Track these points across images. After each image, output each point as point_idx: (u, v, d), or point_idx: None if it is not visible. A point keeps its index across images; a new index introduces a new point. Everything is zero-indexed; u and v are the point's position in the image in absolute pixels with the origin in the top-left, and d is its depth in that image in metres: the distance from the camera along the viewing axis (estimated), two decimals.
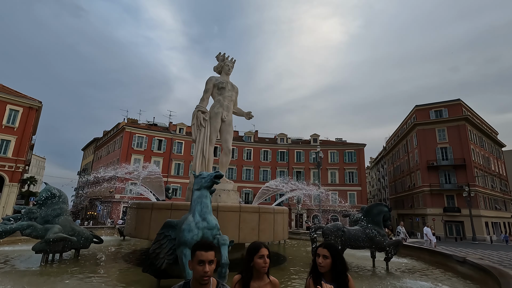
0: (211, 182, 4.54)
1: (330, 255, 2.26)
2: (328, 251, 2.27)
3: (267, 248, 2.23)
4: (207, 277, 1.81)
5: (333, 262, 2.24)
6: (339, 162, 49.62)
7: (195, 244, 1.94)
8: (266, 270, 2.18)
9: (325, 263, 2.25)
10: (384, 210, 7.78)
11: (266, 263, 2.16)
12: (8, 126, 33.31)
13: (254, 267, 2.17)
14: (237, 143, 50.66)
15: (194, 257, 1.86)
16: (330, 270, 2.25)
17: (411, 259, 9.42)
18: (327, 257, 2.26)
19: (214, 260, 1.88)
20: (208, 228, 4.25)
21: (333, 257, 2.25)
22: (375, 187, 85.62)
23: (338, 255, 2.28)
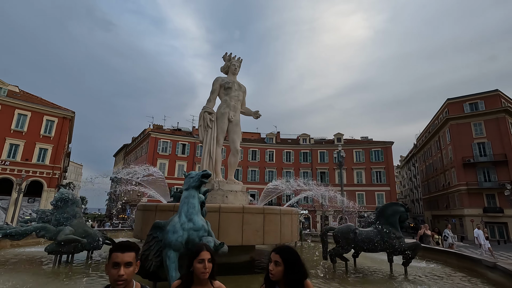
0: (198, 182, 4.39)
1: (282, 261, 1.97)
2: (280, 257, 1.98)
3: (209, 252, 1.99)
4: (121, 281, 1.61)
5: (285, 270, 1.95)
6: (365, 161, 47.70)
7: (113, 245, 1.76)
8: (206, 275, 1.94)
9: (276, 271, 1.97)
10: (400, 210, 7.17)
11: (206, 268, 1.93)
12: (45, 136, 35.85)
13: (194, 272, 1.94)
14: (259, 145, 50.59)
15: (109, 259, 1.68)
16: (283, 278, 1.96)
17: (437, 264, 8.62)
18: (279, 263, 1.97)
19: (133, 263, 1.69)
20: (194, 229, 4.09)
21: (285, 264, 1.96)
22: (406, 187, 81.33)
23: (292, 261, 1.98)
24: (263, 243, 7.07)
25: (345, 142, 50.77)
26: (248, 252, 8.38)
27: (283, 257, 1.98)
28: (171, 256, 3.88)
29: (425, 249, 9.94)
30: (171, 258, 3.86)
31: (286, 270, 1.95)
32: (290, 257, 1.99)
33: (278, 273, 1.96)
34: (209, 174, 4.46)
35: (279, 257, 1.98)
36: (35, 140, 34.84)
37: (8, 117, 33.24)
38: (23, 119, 34.48)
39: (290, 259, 1.98)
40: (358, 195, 45.87)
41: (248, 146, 49.98)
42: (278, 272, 1.96)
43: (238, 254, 8.01)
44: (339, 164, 25.17)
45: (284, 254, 2.00)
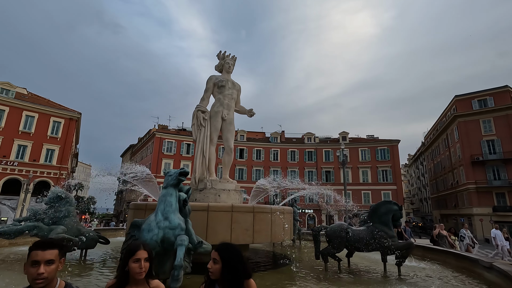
0: (176, 180, 4.34)
1: (220, 259, 1.89)
2: (218, 255, 1.91)
3: (147, 251, 1.91)
4: (40, 280, 1.55)
5: (223, 268, 1.87)
6: (371, 160, 47.11)
7: (33, 243, 1.70)
8: (141, 275, 1.86)
9: (214, 269, 1.89)
10: (393, 209, 6.99)
11: (142, 267, 1.85)
12: (52, 137, 36.51)
13: (130, 272, 1.87)
14: (264, 144, 50.47)
15: (28, 257, 1.62)
16: (220, 276, 1.88)
17: (434, 264, 8.39)
18: (217, 261, 1.89)
19: (55, 260, 1.62)
20: (170, 228, 4.03)
21: (223, 262, 1.88)
22: (414, 185, 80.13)
23: (230, 259, 1.89)
24: (252, 242, 6.99)
25: (351, 140, 50.24)
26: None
27: (221, 255, 1.91)
28: None
29: (425, 249, 9.71)
30: None
31: (223, 268, 1.87)
32: (228, 255, 1.91)
33: (216, 271, 1.88)
34: (187, 172, 4.40)
35: (217, 255, 1.91)
36: (42, 141, 35.50)
37: (16, 119, 33.95)
38: (31, 120, 35.17)
39: (229, 257, 1.90)
40: (364, 194, 45.35)
41: (252, 146, 49.93)
42: (216, 270, 1.88)
43: None
44: (342, 163, 24.88)
45: (223, 252, 1.93)
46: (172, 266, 4.30)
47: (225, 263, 1.87)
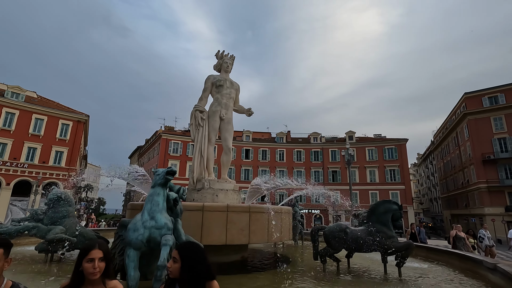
0: (164, 179, 4.29)
1: (180, 258, 1.81)
2: (178, 254, 1.83)
3: (102, 250, 1.83)
4: None
5: (181, 267, 1.79)
6: (378, 159, 46.44)
7: None
8: (95, 276, 1.77)
9: (173, 268, 1.82)
10: (392, 208, 6.80)
11: (96, 268, 1.77)
12: (61, 139, 37.19)
13: (84, 272, 1.80)
14: (269, 144, 50.34)
15: None
16: (179, 276, 1.81)
17: (438, 265, 8.15)
18: (177, 260, 1.82)
19: (0, 260, 1.58)
20: (156, 228, 3.98)
21: (182, 261, 1.80)
22: (424, 185, 78.68)
23: (190, 258, 1.82)
24: (248, 242, 6.91)
25: (357, 140, 49.66)
26: (239, 252, 8.23)
27: (181, 254, 1.83)
28: (131, 255, 3.79)
29: (428, 249, 9.45)
30: (130, 257, 3.77)
31: (182, 267, 1.79)
32: (188, 254, 1.84)
33: (174, 271, 1.81)
34: (174, 171, 4.35)
35: (177, 254, 1.84)
36: (51, 143, 36.19)
37: (26, 122, 34.69)
38: (40, 123, 35.88)
39: (188, 256, 1.83)
40: (371, 194, 44.72)
41: (258, 146, 49.85)
42: (175, 270, 1.81)
43: (228, 254, 7.88)
44: (347, 162, 24.55)
45: (183, 251, 1.86)
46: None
47: (184, 262, 1.80)
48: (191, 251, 1.87)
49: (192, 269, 1.78)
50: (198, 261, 1.82)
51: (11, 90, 34.89)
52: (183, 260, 1.80)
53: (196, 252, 1.87)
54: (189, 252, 1.86)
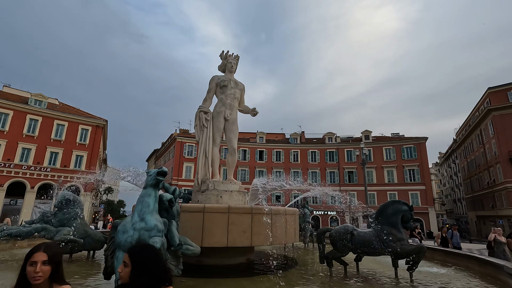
0: (155, 180, 4.21)
1: (130, 262, 1.67)
2: (129, 257, 1.69)
3: (48, 253, 1.71)
4: None
5: (131, 272, 1.65)
6: (396, 159, 44.92)
7: None
8: (37, 280, 1.65)
9: (124, 273, 1.67)
10: (402, 209, 6.42)
11: (38, 271, 1.65)
12: (80, 144, 38.54)
13: None
14: (283, 145, 49.94)
15: None
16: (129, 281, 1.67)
17: (456, 270, 7.63)
18: (127, 264, 1.68)
19: None
20: (146, 229, 3.89)
21: (132, 265, 1.66)
22: (447, 185, 75.35)
23: (140, 262, 1.67)
24: (250, 244, 6.74)
25: (374, 139, 48.30)
26: (244, 254, 8.08)
27: (132, 257, 1.69)
28: (119, 257, 3.72)
29: (446, 253, 8.90)
30: (119, 259, 3.71)
31: (132, 272, 1.65)
32: (139, 257, 1.69)
33: (124, 275, 1.67)
34: (165, 171, 4.26)
35: (127, 257, 1.70)
36: (72, 147, 37.57)
37: (48, 128, 36.22)
38: (61, 129, 37.36)
39: (139, 260, 1.67)
40: (389, 195, 43.24)
41: (272, 147, 49.57)
42: (125, 274, 1.67)
43: (233, 256, 7.75)
44: (362, 162, 23.83)
45: (133, 254, 1.71)
46: None
47: (134, 266, 1.66)
48: (142, 254, 1.72)
49: (143, 273, 1.64)
50: (150, 265, 1.68)
51: (34, 98, 36.58)
52: (133, 264, 1.67)
53: (148, 255, 1.73)
54: (140, 255, 1.71)
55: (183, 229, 6.39)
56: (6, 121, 33.63)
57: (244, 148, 49.06)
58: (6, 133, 33.32)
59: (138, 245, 1.81)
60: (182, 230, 6.35)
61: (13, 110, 34.25)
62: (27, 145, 34.46)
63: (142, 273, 1.63)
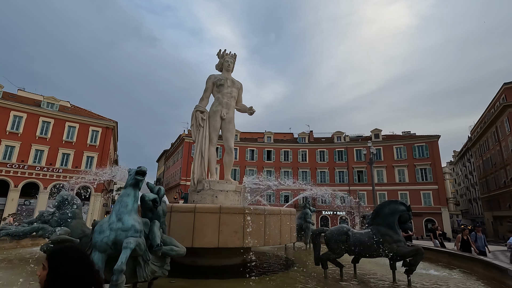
0: (134, 180, 4.15)
1: (48, 265, 1.56)
2: (47, 259, 1.58)
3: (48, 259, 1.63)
4: None
5: (47, 275, 1.54)
6: (407, 158, 43.85)
7: None
8: (40, 282, 1.59)
9: (41, 276, 1.57)
10: (399, 209, 6.16)
11: (38, 274, 1.58)
12: (91, 145, 39.36)
13: None
14: (291, 145, 49.59)
15: None
16: None
17: (459, 273, 7.29)
18: (45, 267, 1.57)
19: None
20: (123, 230, 3.83)
21: (49, 268, 1.55)
22: (462, 185, 73.12)
23: (58, 265, 1.55)
24: (242, 245, 6.61)
25: (384, 138, 47.33)
26: (240, 255, 7.96)
27: (49, 259, 1.57)
28: (95, 258, 3.67)
29: (450, 255, 8.53)
30: (94, 260, 3.66)
31: (48, 275, 1.54)
32: (57, 260, 1.57)
33: (41, 280, 1.57)
34: (143, 170, 4.20)
35: (45, 260, 1.58)
36: (83, 149, 38.41)
37: (60, 130, 37.13)
38: (72, 130, 38.23)
39: (56, 262, 1.56)
40: (401, 194, 42.27)
41: (280, 147, 49.30)
42: (42, 278, 1.56)
43: (228, 257, 7.65)
44: (370, 161, 23.34)
45: (51, 256, 1.59)
46: (131, 270, 4.12)
47: (50, 269, 1.55)
48: (61, 257, 1.60)
49: (59, 277, 1.53)
50: (69, 268, 1.56)
51: (46, 101, 37.59)
52: (50, 267, 1.56)
53: (68, 258, 1.61)
54: (58, 257, 1.60)
55: (174, 229, 6.35)
56: (20, 123, 34.67)
57: (252, 148, 49.01)
58: (20, 135, 34.36)
59: (59, 247, 1.68)
60: (173, 230, 6.31)
61: (27, 112, 35.29)
62: (40, 146, 35.43)
63: (58, 276, 1.52)
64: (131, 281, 4.32)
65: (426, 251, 9.26)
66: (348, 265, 7.17)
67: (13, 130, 33.98)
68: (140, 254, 3.90)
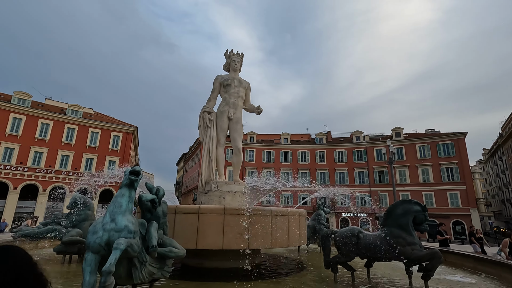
0: (128, 180, 4.11)
1: None
2: None
3: None
4: None
5: None
6: (431, 157, 41.80)
7: None
8: None
9: None
10: (413, 210, 5.73)
11: None
12: (113, 149, 40.77)
13: None
14: (308, 146, 48.85)
15: None
16: None
17: (485, 279, 6.69)
18: None
19: None
20: (116, 230, 3.77)
21: None
22: (493, 185, 68.74)
23: None
24: (248, 247, 6.42)
25: (406, 136, 45.47)
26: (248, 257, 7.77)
27: None
28: (88, 259, 3.64)
29: (476, 259, 7.88)
30: (87, 261, 3.62)
31: None
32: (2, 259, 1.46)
33: None
34: (137, 170, 4.14)
35: None
36: (105, 153, 39.87)
37: (84, 136, 38.79)
38: (95, 136, 39.82)
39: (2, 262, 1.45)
40: (425, 195, 40.35)
41: (297, 148, 48.71)
42: None
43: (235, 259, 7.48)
44: (390, 161, 22.41)
45: None
46: (127, 271, 4.06)
47: None
48: (8, 254, 1.50)
49: None
50: (8, 270, 1.45)
51: (71, 108, 39.42)
52: None
53: (6, 258, 1.50)
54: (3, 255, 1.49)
55: (179, 230, 6.29)
56: (48, 130, 36.55)
57: (268, 149, 48.77)
58: (48, 141, 36.22)
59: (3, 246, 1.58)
60: (178, 231, 6.25)
61: (53, 120, 37.15)
62: (66, 152, 37.13)
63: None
64: (127, 283, 4.26)
65: (450, 255, 8.68)
66: (360, 269, 6.79)
67: (41, 137, 35.86)
68: (134, 255, 3.84)
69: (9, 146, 33.73)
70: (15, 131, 34.21)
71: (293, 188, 45.70)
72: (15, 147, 33.96)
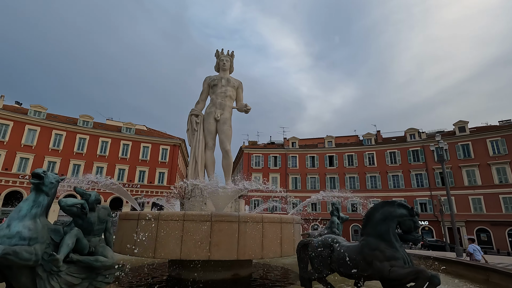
0: (32, 184, 3.91)
1: None
2: None
3: None
4: None
5: None
6: (508, 153, 34.99)
7: None
8: None
9: None
10: (395, 214, 4.40)
11: None
12: (162, 162, 43.79)
13: None
14: (355, 148, 45.49)
15: None
16: None
17: None
18: None
19: None
20: (8, 237, 3.56)
21: None
22: None
23: None
24: (209, 258, 5.76)
25: (473, 131, 39.07)
26: (231, 268, 7.08)
27: None
28: None
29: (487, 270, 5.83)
30: None
31: None
32: None
33: None
34: (36, 172, 3.92)
35: None
36: (155, 166, 43.05)
37: (136, 150, 42.56)
38: (146, 150, 43.35)
39: None
40: (503, 199, 33.78)
41: (342, 151, 45.74)
42: None
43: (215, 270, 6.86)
44: (441, 159, 19.26)
45: None
46: (31, 280, 3.83)
47: None
48: None
49: None
50: None
51: (125, 126, 43.77)
52: None
53: None
54: None
55: (139, 238, 5.97)
56: (107, 147, 41.08)
57: (311, 154, 46.85)
58: (107, 157, 40.63)
59: None
60: (139, 239, 5.93)
61: (111, 138, 41.66)
62: (122, 166, 41.11)
63: None
64: None
65: (458, 265, 6.72)
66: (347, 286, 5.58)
67: (101, 153, 40.43)
68: (25, 263, 3.58)
69: (76, 163, 38.72)
70: (80, 150, 39.24)
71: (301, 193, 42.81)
72: (81, 163, 38.84)
